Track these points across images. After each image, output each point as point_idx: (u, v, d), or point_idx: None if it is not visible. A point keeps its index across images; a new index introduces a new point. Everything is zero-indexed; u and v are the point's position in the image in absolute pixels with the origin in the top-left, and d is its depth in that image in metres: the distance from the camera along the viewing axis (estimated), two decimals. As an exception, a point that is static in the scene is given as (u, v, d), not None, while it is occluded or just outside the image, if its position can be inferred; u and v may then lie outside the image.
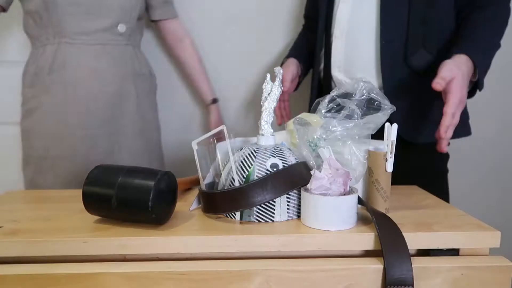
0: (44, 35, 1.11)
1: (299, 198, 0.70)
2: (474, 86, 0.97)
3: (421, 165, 1.02)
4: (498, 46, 0.98)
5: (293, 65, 1.22)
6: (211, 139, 0.76)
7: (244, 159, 0.71)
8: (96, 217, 0.72)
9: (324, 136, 0.74)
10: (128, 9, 1.14)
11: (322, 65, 1.19)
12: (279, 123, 1.23)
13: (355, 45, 1.09)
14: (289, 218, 0.70)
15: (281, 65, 1.38)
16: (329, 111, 0.76)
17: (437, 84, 0.84)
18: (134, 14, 1.16)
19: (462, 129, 1.04)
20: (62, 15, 1.07)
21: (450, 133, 0.85)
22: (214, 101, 1.39)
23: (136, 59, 1.20)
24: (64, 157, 1.11)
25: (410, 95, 1.02)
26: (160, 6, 1.28)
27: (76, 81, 1.10)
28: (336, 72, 1.13)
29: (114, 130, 1.15)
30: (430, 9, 1.01)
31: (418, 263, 0.61)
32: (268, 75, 0.76)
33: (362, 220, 0.69)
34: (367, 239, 0.64)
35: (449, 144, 0.94)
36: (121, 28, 1.13)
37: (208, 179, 0.77)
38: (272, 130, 0.75)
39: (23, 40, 1.45)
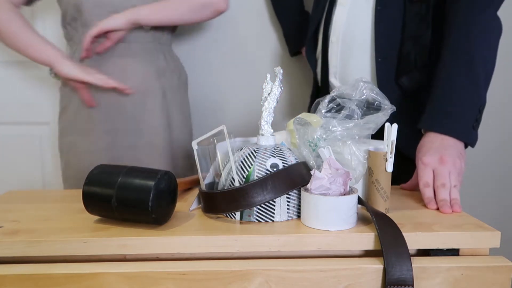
0: (76, 36, 1.15)
1: (299, 198, 0.70)
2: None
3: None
4: (488, 82, 0.89)
5: None
6: (211, 139, 0.76)
7: (244, 159, 0.71)
8: (96, 217, 0.72)
9: (324, 136, 0.74)
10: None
11: (319, 68, 1.18)
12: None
13: (350, 53, 1.07)
14: (289, 218, 0.70)
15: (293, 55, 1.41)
16: (329, 111, 0.76)
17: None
18: None
19: None
20: (89, 17, 1.11)
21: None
22: None
23: (162, 56, 1.21)
24: (89, 151, 1.15)
25: (403, 113, 0.97)
26: None
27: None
28: (333, 79, 1.12)
29: (136, 125, 1.17)
30: (423, 29, 0.99)
31: (418, 263, 0.61)
32: (268, 75, 0.76)
33: (362, 220, 0.69)
34: (367, 239, 0.64)
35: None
36: (146, 26, 1.15)
37: (208, 179, 0.77)
38: (272, 130, 0.75)
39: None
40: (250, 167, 0.70)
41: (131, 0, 1.11)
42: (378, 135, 0.78)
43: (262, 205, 0.69)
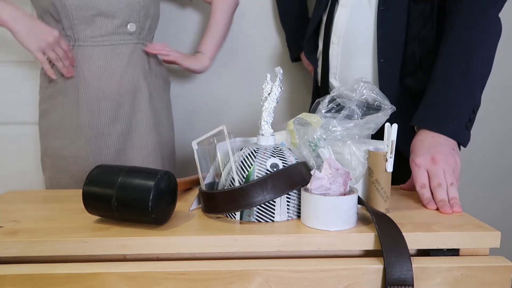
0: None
1: (299, 198, 0.70)
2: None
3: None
4: (484, 83, 0.88)
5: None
6: (211, 139, 0.76)
7: (244, 159, 0.71)
8: (96, 217, 0.72)
9: (324, 136, 0.74)
10: (137, 8, 1.15)
11: (319, 68, 1.18)
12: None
13: (351, 53, 1.07)
14: (289, 218, 0.70)
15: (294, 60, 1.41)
16: (329, 111, 0.76)
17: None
18: (144, 13, 1.17)
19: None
20: (73, 20, 1.11)
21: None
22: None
23: (148, 57, 1.22)
24: (79, 156, 1.14)
25: (405, 114, 0.95)
26: None
27: (87, 81, 1.13)
28: (332, 79, 1.12)
29: (125, 128, 1.17)
30: (427, 30, 0.99)
31: (418, 263, 0.61)
32: (268, 75, 0.76)
33: (362, 220, 0.69)
34: (367, 239, 0.64)
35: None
36: (131, 27, 1.15)
37: (208, 179, 0.77)
38: (272, 130, 0.75)
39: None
40: (250, 167, 0.70)
41: (116, 2, 1.11)
42: (378, 135, 0.78)
43: (262, 205, 0.69)
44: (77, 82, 1.13)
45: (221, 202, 0.69)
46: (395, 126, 0.72)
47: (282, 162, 0.71)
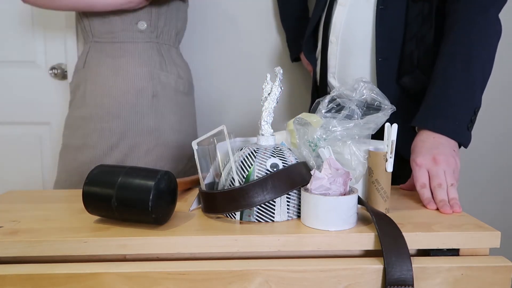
0: (85, 35, 1.20)
1: (299, 198, 0.70)
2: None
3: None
4: (485, 84, 0.88)
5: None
6: (211, 139, 0.76)
7: (244, 159, 0.71)
8: (96, 217, 0.72)
9: (324, 136, 0.74)
10: (148, 6, 1.14)
11: (318, 68, 1.18)
12: None
13: (350, 53, 1.07)
14: (289, 218, 0.70)
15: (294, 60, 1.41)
16: (329, 111, 0.76)
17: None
18: (156, 11, 1.15)
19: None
20: (90, 15, 1.14)
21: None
22: None
23: (159, 57, 1.19)
24: (74, 147, 1.16)
25: (403, 113, 0.95)
26: None
27: (93, 76, 1.15)
28: (331, 78, 1.12)
29: (122, 126, 1.16)
30: (426, 29, 0.99)
31: (418, 263, 0.61)
32: (268, 75, 0.76)
33: (362, 220, 0.69)
34: (367, 239, 0.64)
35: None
36: (141, 25, 1.14)
37: (208, 179, 0.77)
38: (272, 130, 0.75)
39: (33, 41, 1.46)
40: (250, 167, 0.70)
41: None
42: (378, 135, 0.78)
43: (262, 205, 0.69)
44: (86, 77, 1.16)
45: (221, 202, 0.69)
46: (395, 126, 0.72)
47: (282, 162, 0.71)
